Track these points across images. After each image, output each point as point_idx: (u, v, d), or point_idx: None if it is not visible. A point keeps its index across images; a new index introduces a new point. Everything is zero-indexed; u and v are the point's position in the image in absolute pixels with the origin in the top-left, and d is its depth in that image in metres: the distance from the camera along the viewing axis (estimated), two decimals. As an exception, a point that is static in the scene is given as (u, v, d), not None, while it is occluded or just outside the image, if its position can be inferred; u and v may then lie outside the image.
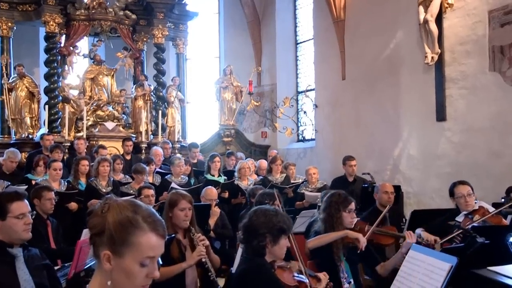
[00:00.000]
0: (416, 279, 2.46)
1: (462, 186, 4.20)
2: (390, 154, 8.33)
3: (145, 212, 1.51)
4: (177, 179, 6.79)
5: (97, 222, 1.49)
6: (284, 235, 2.74)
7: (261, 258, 2.73)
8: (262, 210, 2.80)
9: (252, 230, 2.74)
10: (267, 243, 2.72)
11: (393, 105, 8.27)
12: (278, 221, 2.73)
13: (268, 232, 2.70)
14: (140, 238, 1.46)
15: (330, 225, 3.55)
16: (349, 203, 3.62)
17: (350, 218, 3.62)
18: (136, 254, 1.46)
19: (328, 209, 3.61)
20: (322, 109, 10.24)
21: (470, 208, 4.08)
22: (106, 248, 1.47)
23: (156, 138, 10.16)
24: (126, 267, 1.46)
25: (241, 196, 6.69)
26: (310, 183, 6.92)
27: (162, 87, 10.72)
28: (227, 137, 11.06)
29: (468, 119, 6.98)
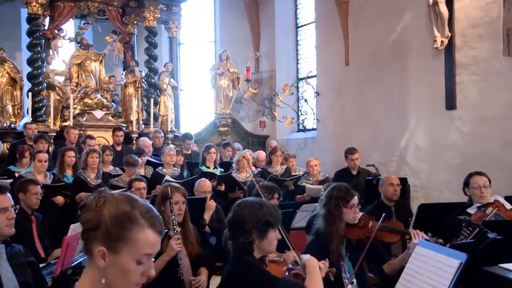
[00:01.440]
0: (423, 276, 2.46)
1: (479, 176, 4.22)
2: (397, 145, 8.33)
3: (143, 207, 1.52)
4: (169, 170, 6.79)
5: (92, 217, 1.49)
6: (272, 228, 2.69)
7: (250, 255, 2.68)
8: (247, 203, 2.74)
9: (237, 226, 2.69)
10: (254, 239, 2.66)
11: (399, 92, 8.25)
12: (264, 213, 2.66)
13: (254, 227, 2.64)
14: (138, 234, 1.47)
15: (329, 222, 3.48)
16: (351, 197, 3.53)
17: (352, 214, 3.56)
18: (133, 251, 1.47)
19: (328, 204, 3.54)
20: (324, 97, 10.21)
21: (484, 201, 4.08)
22: (100, 244, 1.46)
23: (148, 127, 10.16)
24: (122, 264, 1.46)
25: (239, 190, 6.69)
26: (311, 176, 6.93)
27: (154, 74, 10.69)
28: (223, 127, 11.05)
29: (480, 107, 6.97)
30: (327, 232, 3.49)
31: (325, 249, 3.48)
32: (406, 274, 2.61)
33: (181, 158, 7.26)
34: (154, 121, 10.26)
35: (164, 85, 10.67)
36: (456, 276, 2.27)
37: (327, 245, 3.45)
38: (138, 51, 11.15)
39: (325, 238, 3.49)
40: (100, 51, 10.50)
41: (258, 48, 12.08)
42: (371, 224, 3.70)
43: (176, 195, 3.56)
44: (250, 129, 11.83)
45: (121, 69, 11.10)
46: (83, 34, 10.41)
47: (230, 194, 6.82)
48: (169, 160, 6.83)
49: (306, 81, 10.93)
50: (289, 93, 10.83)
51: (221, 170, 7.14)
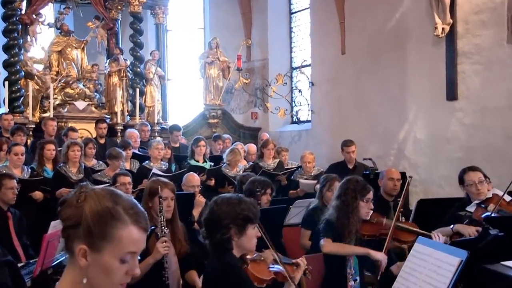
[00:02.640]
0: (422, 275, 2.48)
1: (473, 172, 4.22)
2: (395, 138, 8.36)
3: (126, 203, 1.50)
4: (157, 164, 6.77)
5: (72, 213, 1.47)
6: (251, 224, 2.71)
7: (229, 253, 2.69)
8: (224, 198, 2.77)
9: (214, 222, 2.70)
10: (232, 235, 2.68)
11: (398, 82, 8.27)
12: (242, 209, 2.69)
13: (232, 223, 2.66)
14: (121, 232, 1.46)
15: (344, 214, 3.59)
16: (367, 191, 3.66)
17: (366, 209, 3.67)
18: (117, 249, 1.45)
19: (344, 196, 3.65)
20: (319, 87, 10.21)
21: (482, 197, 4.10)
22: (82, 242, 1.45)
23: (133, 119, 10.12)
24: (105, 263, 1.45)
25: (229, 186, 6.68)
26: (306, 170, 6.94)
27: (140, 62, 10.63)
28: (213, 119, 11.03)
29: (482, 98, 7.00)
30: (342, 224, 3.58)
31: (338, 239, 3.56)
32: (404, 273, 2.62)
33: (168, 152, 7.23)
34: (140, 112, 10.22)
35: (151, 74, 10.62)
36: (456, 274, 2.29)
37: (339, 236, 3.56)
38: (123, 38, 11.08)
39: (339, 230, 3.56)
40: (81, 38, 10.42)
41: (250, 36, 12.03)
42: (386, 221, 3.78)
43: (165, 191, 3.55)
44: (241, 121, 11.81)
45: (104, 57, 11.03)
46: (63, 19, 10.32)
47: (220, 189, 6.81)
48: (157, 154, 6.81)
49: (300, 71, 10.92)
50: (282, 83, 10.82)
51: (211, 164, 7.13)
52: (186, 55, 12.42)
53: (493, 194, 4.10)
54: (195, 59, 11.44)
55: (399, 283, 2.61)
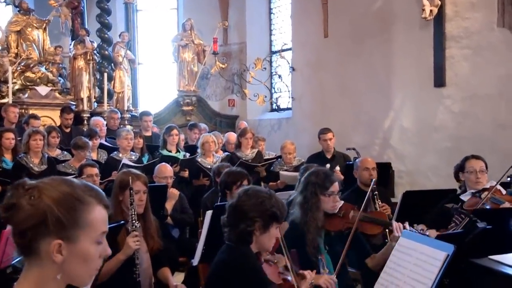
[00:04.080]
0: (407, 270, 2.50)
1: (476, 160, 4.32)
2: (380, 126, 8.42)
3: (82, 185, 1.54)
4: (126, 155, 6.71)
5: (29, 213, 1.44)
6: (276, 222, 2.79)
7: (247, 247, 2.77)
8: (254, 190, 2.85)
9: (241, 212, 2.77)
10: (256, 229, 2.76)
11: (383, 68, 8.32)
12: (272, 205, 2.76)
13: (259, 217, 2.74)
14: (91, 214, 1.50)
15: (304, 211, 3.51)
16: (330, 184, 3.55)
17: (332, 203, 3.57)
18: (91, 232, 1.49)
19: (305, 191, 3.57)
20: (301, 73, 10.22)
21: (479, 187, 4.18)
22: (53, 237, 1.44)
23: (101, 106, 10.03)
24: (83, 250, 1.48)
25: (204, 177, 6.67)
26: (286, 161, 6.95)
27: (108, 45, 10.53)
28: (187, 106, 10.99)
29: (471, 84, 7.08)
30: (302, 222, 3.52)
31: (300, 240, 3.51)
32: (388, 268, 2.64)
33: (139, 141, 7.19)
34: (108, 99, 10.13)
35: (120, 57, 10.51)
36: (443, 269, 2.32)
37: (302, 236, 3.48)
38: (89, 18, 10.94)
39: (300, 228, 3.52)
40: (43, 17, 10.25)
41: (227, 17, 11.96)
42: (352, 214, 3.72)
43: (137, 184, 3.53)
44: (217, 109, 11.79)
45: (69, 38, 10.89)
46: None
47: (195, 181, 6.80)
48: (126, 145, 6.75)
49: (280, 55, 10.91)
50: (261, 68, 10.80)
51: (185, 154, 7.10)
52: (158, 37, 12.34)
53: (490, 186, 4.17)
54: (167, 42, 11.36)
55: (383, 279, 2.63)
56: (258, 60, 10.74)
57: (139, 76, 11.65)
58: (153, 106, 10.85)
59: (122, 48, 10.60)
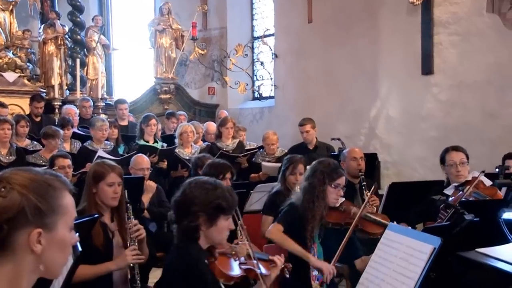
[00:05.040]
0: (393, 264, 2.53)
1: (456, 153, 4.33)
2: (366, 116, 8.47)
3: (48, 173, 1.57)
4: (100, 145, 6.67)
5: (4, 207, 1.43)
6: (224, 215, 2.68)
7: (194, 244, 2.68)
8: (199, 182, 2.74)
9: (184, 207, 2.68)
10: (200, 224, 2.65)
11: (370, 55, 8.35)
12: (217, 197, 2.66)
13: (202, 211, 2.64)
14: (64, 199, 1.53)
15: (310, 197, 3.63)
16: (338, 176, 3.69)
17: (335, 195, 3.71)
18: (67, 218, 1.53)
19: (312, 178, 3.68)
20: (283, 60, 10.22)
21: (461, 180, 4.22)
22: (32, 226, 1.44)
23: (74, 94, 9.94)
24: (61, 237, 1.51)
25: (183, 169, 6.66)
26: (268, 152, 6.96)
27: (80, 29, 10.41)
28: (165, 94, 10.94)
29: (460, 72, 7.15)
30: (306, 208, 3.63)
31: (299, 225, 3.63)
32: (374, 262, 2.67)
33: (114, 131, 7.14)
34: (81, 86, 10.04)
35: (93, 43, 10.41)
36: (429, 262, 2.34)
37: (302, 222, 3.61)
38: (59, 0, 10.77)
39: (302, 214, 3.59)
40: (10, -1, 10.08)
41: (206, 1, 11.89)
42: (354, 210, 3.82)
43: (112, 176, 3.50)
44: (196, 97, 11.75)
45: (38, 22, 10.75)
46: (-14, -24, 9.95)
47: (173, 173, 6.79)
48: (100, 136, 6.72)
49: (263, 41, 10.88)
50: (243, 54, 10.76)
51: (163, 144, 7.08)
52: (134, 21, 12.25)
53: (473, 177, 4.22)
54: (144, 27, 11.27)
55: (368, 273, 2.66)
56: (239, 46, 10.71)
57: (114, 63, 11.55)
58: (129, 94, 10.79)
59: (96, 32, 10.50)
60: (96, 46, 10.45)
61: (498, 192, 4.08)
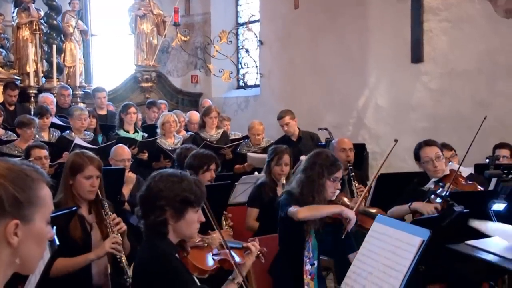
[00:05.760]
0: (381, 257, 2.55)
1: (429, 148, 4.38)
2: (354, 105, 8.50)
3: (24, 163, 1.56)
4: (80, 135, 6.64)
5: None
6: (192, 207, 2.66)
7: (163, 239, 2.66)
8: (164, 175, 2.72)
9: (149, 202, 2.66)
10: (168, 219, 2.64)
11: (358, 42, 8.37)
12: (183, 189, 2.64)
13: (168, 204, 2.62)
14: (42, 191, 1.52)
15: (309, 191, 3.64)
16: (336, 169, 3.70)
17: (333, 188, 3.72)
18: (44, 211, 1.52)
19: (310, 171, 3.69)
20: (269, 47, 10.21)
21: (439, 174, 4.26)
22: (9, 218, 1.44)
23: (50, 81, 9.83)
24: (38, 230, 1.50)
25: (165, 159, 6.64)
26: (254, 142, 6.96)
27: (56, 13, 10.29)
28: (146, 82, 10.90)
29: (450, 60, 7.20)
30: (306, 202, 3.63)
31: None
32: (361, 255, 2.69)
33: (92, 121, 7.09)
34: (58, 73, 9.93)
35: (70, 28, 10.31)
36: (418, 255, 2.37)
37: None
38: (35, -17, 10.65)
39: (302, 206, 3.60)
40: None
41: (189, -15, 11.85)
42: (351, 205, 3.85)
43: (90, 168, 3.49)
44: (179, 85, 11.71)
45: (11, 5, 10.59)
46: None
47: (155, 164, 6.75)
48: (80, 125, 6.68)
49: (248, 27, 10.86)
50: (227, 41, 10.73)
51: (143, 134, 7.05)
52: (113, 6, 12.14)
53: (450, 170, 4.26)
54: (124, 12, 11.19)
55: (356, 266, 2.68)
56: (223, 33, 10.67)
57: (92, 49, 11.45)
58: (108, 82, 10.71)
59: (73, 17, 10.40)
60: (73, 31, 10.36)
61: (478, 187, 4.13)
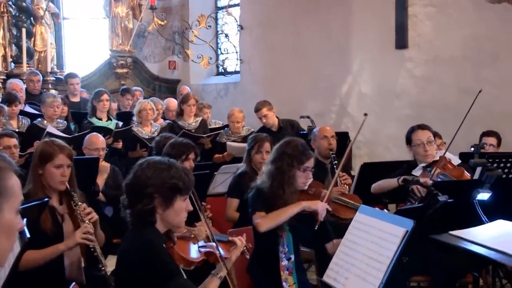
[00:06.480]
0: (364, 248, 2.57)
1: (422, 131, 4.44)
2: (337, 92, 8.53)
3: None
4: (52, 124, 6.58)
5: None
6: (180, 195, 2.68)
7: (150, 228, 2.67)
8: (151, 162, 2.73)
9: (136, 190, 2.67)
10: (156, 207, 2.65)
11: (342, 27, 8.38)
12: (172, 176, 2.65)
13: (157, 192, 2.63)
14: (11, 181, 1.53)
15: (279, 183, 3.60)
16: (307, 158, 3.66)
17: (304, 179, 3.68)
18: (14, 201, 1.53)
19: (279, 161, 3.65)
20: (250, 32, 10.19)
21: (429, 159, 4.32)
22: None
23: (20, 67, 9.70)
24: (7, 222, 1.51)
25: (142, 149, 6.62)
26: (233, 131, 6.97)
27: (26, -5, 10.14)
28: (122, 68, 10.82)
29: (435, 46, 7.25)
30: (276, 194, 3.60)
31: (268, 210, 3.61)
32: (344, 246, 2.71)
33: (64, 109, 7.03)
34: (28, 58, 9.80)
35: (40, 11, 10.17)
36: (401, 246, 2.39)
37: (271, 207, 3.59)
38: (3, -37, 10.48)
39: (271, 201, 3.59)
40: None
41: (166, -34, 11.76)
42: (324, 193, 3.83)
43: (60, 157, 3.46)
44: (156, 72, 11.66)
45: (-23, -13, 10.41)
46: None
47: (131, 153, 6.74)
48: (52, 113, 6.62)
49: (227, 11, 10.83)
50: (206, 26, 10.69)
51: (117, 122, 7.02)
52: (87, -12, 12.00)
53: (440, 156, 4.31)
54: (97, -6, 11.08)
55: (338, 258, 2.70)
56: (202, 17, 10.63)
57: (64, 33, 11.32)
58: (81, 68, 10.61)
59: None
60: (44, 14, 10.21)
61: (465, 173, 4.19)
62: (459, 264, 3.76)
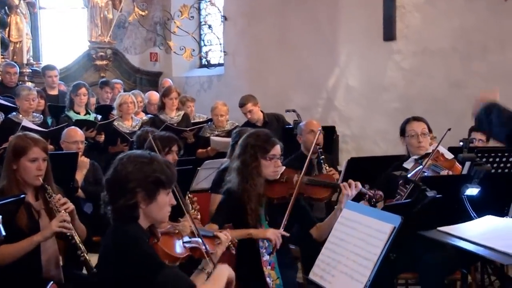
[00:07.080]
0: (350, 245, 2.58)
1: (417, 123, 4.48)
2: (323, 85, 8.54)
3: None
4: (28, 118, 6.53)
5: None
6: (163, 189, 2.69)
7: (133, 224, 2.66)
8: (132, 156, 2.72)
9: (118, 185, 2.66)
10: (139, 201, 2.64)
11: (329, 18, 8.39)
12: (154, 170, 2.65)
13: (139, 186, 2.63)
14: None
15: (244, 177, 3.61)
16: (271, 146, 3.66)
17: (273, 168, 3.67)
18: None
19: (243, 155, 3.66)
20: (234, 23, 10.18)
21: (422, 151, 4.36)
22: None
23: (-6, 59, 9.63)
24: None
25: (122, 143, 6.60)
26: (217, 125, 6.97)
27: (0, -17, 10.06)
28: (101, 60, 10.79)
29: (424, 37, 7.28)
30: (242, 189, 3.61)
31: (240, 211, 3.61)
32: (330, 243, 2.72)
33: (41, 102, 6.99)
34: (2, 50, 9.77)
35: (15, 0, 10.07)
36: (388, 243, 2.40)
37: (240, 205, 3.58)
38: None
39: (240, 198, 3.59)
40: None
41: (147, -46, 11.69)
42: (296, 178, 3.82)
43: (35, 150, 3.44)
44: (137, 64, 11.64)
45: None
46: None
47: (111, 148, 6.71)
48: (28, 106, 6.57)
49: (211, 2, 10.83)
50: (188, 16, 10.68)
51: (97, 116, 6.99)
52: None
53: (433, 149, 4.35)
54: (76, -17, 11.00)
55: (324, 255, 2.71)
56: (185, 7, 10.60)
57: (41, 23, 11.23)
58: (59, 60, 10.55)
59: (19, -12, 10.20)
60: (19, 3, 10.15)
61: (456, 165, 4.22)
62: (448, 261, 3.79)
